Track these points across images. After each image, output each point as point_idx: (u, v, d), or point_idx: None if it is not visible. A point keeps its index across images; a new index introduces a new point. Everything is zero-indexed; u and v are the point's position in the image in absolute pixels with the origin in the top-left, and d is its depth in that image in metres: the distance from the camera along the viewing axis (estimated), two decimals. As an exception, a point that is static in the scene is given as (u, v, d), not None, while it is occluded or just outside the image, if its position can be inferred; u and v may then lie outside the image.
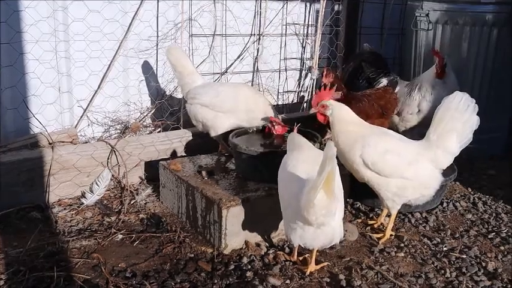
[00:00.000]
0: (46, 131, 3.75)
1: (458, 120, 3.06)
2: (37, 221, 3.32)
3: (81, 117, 4.16)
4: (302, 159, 2.79)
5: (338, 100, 3.49)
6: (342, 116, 3.22)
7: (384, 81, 4.41)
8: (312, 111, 3.25)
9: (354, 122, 3.23)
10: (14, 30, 3.62)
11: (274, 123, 3.62)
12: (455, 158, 3.17)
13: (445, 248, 3.24)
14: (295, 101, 5.34)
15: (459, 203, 3.89)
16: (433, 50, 4.31)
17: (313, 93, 5.02)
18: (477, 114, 3.08)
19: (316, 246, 2.74)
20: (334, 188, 2.45)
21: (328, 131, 4.04)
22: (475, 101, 3.07)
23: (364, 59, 4.59)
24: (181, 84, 4.03)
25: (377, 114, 4.05)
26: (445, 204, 3.83)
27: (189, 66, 4.00)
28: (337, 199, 2.55)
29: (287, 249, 3.10)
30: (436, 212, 3.72)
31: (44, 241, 3.06)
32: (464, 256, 3.14)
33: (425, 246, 3.25)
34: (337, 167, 2.45)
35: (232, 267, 2.89)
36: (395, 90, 4.24)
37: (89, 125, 4.20)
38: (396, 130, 4.02)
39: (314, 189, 2.37)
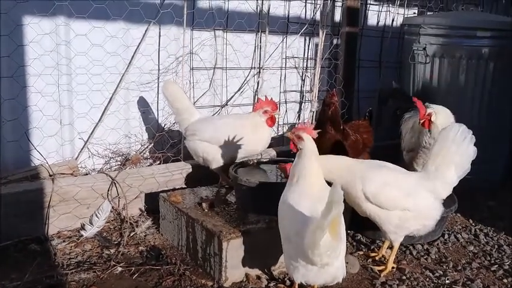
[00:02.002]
0: (47, 162, 3.76)
1: (456, 152, 3.08)
2: (36, 254, 3.30)
3: (82, 149, 4.17)
4: (304, 193, 2.70)
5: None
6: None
7: (405, 116, 4.45)
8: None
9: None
10: (17, 64, 3.68)
11: (266, 108, 3.77)
12: (456, 188, 3.18)
13: (447, 281, 3.20)
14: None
15: (460, 234, 3.87)
16: (414, 98, 4.12)
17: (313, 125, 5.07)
18: (476, 145, 3.10)
19: (319, 283, 2.70)
20: (339, 231, 2.41)
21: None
22: (471, 132, 3.10)
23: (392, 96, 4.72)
24: (179, 120, 4.05)
25: (363, 148, 4.10)
26: (446, 236, 3.81)
27: (186, 102, 4.02)
28: (342, 239, 2.51)
29: (288, 282, 3.07)
30: (438, 244, 3.69)
31: (43, 274, 3.03)
32: (467, 289, 3.12)
33: (428, 279, 3.22)
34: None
35: (232, 300, 2.86)
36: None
37: (89, 156, 4.21)
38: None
39: (320, 231, 2.31)
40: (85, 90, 4.08)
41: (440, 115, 3.91)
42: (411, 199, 3.10)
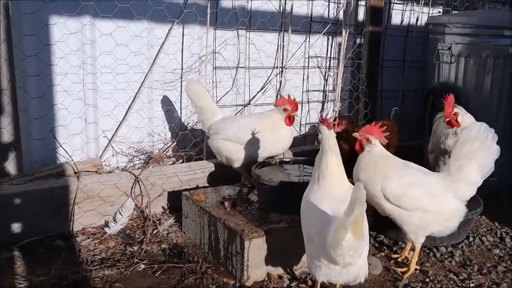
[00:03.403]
0: (72, 160, 3.82)
1: (479, 150, 3.03)
2: (61, 250, 3.36)
3: (106, 147, 4.23)
4: (326, 193, 2.68)
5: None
6: (377, 156, 3.19)
7: (437, 116, 4.39)
8: (355, 135, 3.18)
9: (383, 158, 3.21)
10: (44, 64, 3.75)
11: (286, 106, 3.73)
12: (481, 191, 3.12)
13: (472, 285, 3.16)
14: (317, 132, 5.35)
15: (486, 237, 3.80)
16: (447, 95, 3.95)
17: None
18: (502, 147, 3.04)
19: (341, 282, 2.69)
20: (362, 230, 2.40)
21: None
22: (494, 130, 3.05)
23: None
24: (202, 120, 4.07)
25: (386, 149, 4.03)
26: (471, 239, 3.75)
27: (209, 101, 4.04)
28: (365, 239, 2.50)
29: (310, 282, 3.06)
30: (462, 247, 3.64)
31: (67, 270, 3.09)
32: (492, 293, 3.06)
33: (452, 282, 3.17)
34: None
35: (254, 299, 2.86)
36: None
37: (113, 155, 4.26)
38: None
39: (342, 230, 2.30)
40: (109, 89, 4.13)
41: (468, 118, 3.84)
42: (433, 201, 3.06)
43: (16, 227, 3.38)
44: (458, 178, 3.07)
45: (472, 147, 3.03)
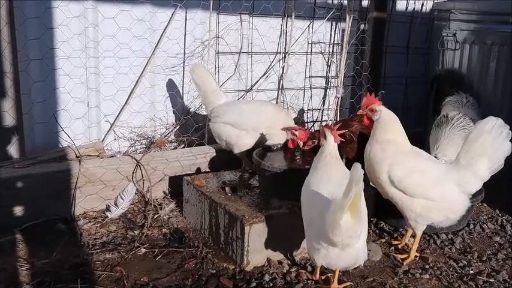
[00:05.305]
0: (74, 144, 3.82)
1: (490, 145, 2.99)
2: (63, 233, 3.38)
3: (108, 131, 4.23)
4: (326, 178, 2.75)
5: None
6: (388, 123, 3.13)
7: (445, 100, 4.34)
8: (360, 112, 3.19)
9: (396, 132, 3.16)
10: (47, 47, 3.74)
11: (295, 132, 3.61)
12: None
13: (471, 271, 3.16)
14: (319, 119, 5.33)
15: (486, 225, 3.81)
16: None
17: (338, 111, 5.05)
18: (506, 136, 3.02)
19: (340, 267, 2.71)
20: (360, 210, 2.42)
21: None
22: (509, 127, 3.02)
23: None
24: (205, 103, 4.08)
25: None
26: (471, 226, 3.75)
27: (213, 85, 4.03)
28: (363, 221, 2.52)
29: (309, 268, 3.07)
30: (463, 234, 3.65)
31: (69, 253, 3.11)
32: (492, 280, 3.07)
33: (451, 269, 3.18)
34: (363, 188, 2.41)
35: (254, 284, 2.87)
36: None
37: (115, 139, 4.27)
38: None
39: (340, 211, 2.34)
40: (112, 73, 4.12)
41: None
42: (436, 189, 3.05)
43: (18, 210, 3.40)
44: (467, 171, 3.04)
45: (485, 141, 2.99)
